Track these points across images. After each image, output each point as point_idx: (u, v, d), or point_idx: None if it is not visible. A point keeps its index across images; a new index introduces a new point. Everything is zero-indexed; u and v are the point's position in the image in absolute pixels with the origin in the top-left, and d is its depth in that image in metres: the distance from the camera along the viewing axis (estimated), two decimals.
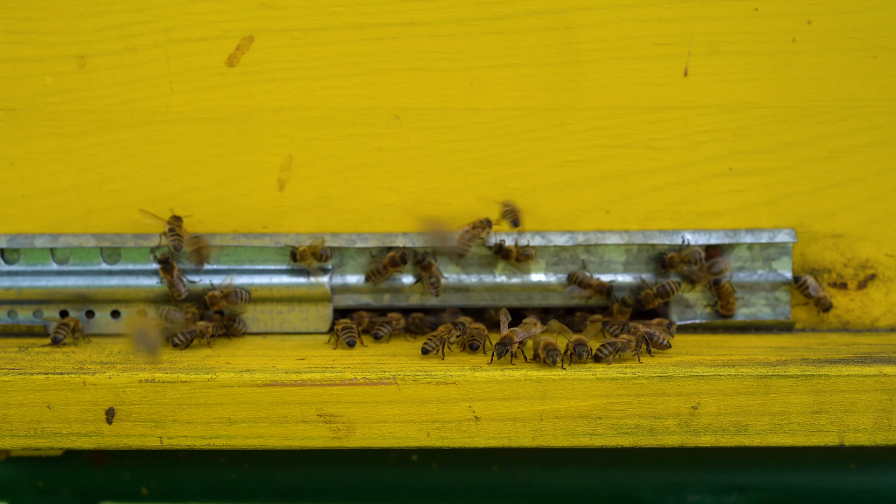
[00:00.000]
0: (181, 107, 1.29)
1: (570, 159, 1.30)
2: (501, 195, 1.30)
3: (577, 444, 1.14)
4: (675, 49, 1.28)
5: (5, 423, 1.14)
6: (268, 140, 1.29)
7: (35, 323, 1.32)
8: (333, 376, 1.13)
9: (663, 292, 1.29)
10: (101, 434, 1.14)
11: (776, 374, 1.13)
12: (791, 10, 1.27)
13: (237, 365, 1.17)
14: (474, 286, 1.32)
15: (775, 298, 1.32)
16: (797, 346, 1.25)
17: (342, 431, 1.13)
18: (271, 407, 1.13)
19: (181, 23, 1.27)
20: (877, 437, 1.14)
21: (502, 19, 1.27)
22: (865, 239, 1.32)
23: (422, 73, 1.28)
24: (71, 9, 1.27)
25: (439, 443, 1.14)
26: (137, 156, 1.30)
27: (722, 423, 1.13)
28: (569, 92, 1.29)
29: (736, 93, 1.29)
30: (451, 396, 1.13)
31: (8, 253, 1.31)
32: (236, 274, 1.31)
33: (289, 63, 1.28)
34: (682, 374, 1.13)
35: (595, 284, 1.30)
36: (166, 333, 1.25)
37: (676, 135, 1.29)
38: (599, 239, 1.31)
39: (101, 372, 1.14)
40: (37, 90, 1.28)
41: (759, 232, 1.31)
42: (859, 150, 1.30)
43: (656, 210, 1.31)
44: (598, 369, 1.14)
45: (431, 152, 1.30)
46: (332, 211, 1.31)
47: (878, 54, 1.28)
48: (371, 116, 1.29)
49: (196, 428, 1.14)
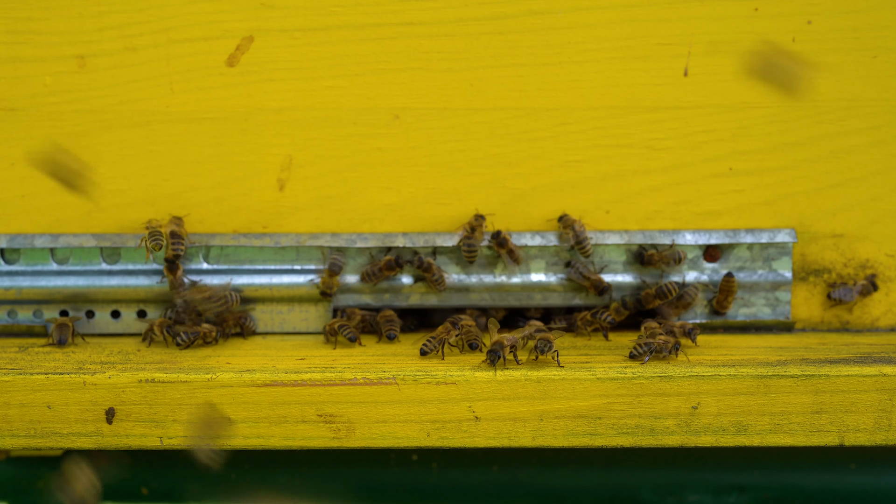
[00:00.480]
0: (181, 107, 1.29)
1: (570, 159, 1.30)
2: (502, 195, 1.30)
3: (577, 444, 1.14)
4: (675, 49, 1.28)
5: (5, 423, 1.14)
6: (268, 140, 1.29)
7: (35, 323, 1.32)
8: (333, 376, 1.13)
9: (661, 293, 1.29)
10: (101, 434, 1.14)
11: (776, 374, 1.13)
12: (791, 10, 1.27)
13: (237, 365, 1.17)
14: (474, 286, 1.32)
15: (775, 298, 1.32)
16: (797, 346, 1.25)
17: (342, 431, 1.13)
18: (271, 407, 1.13)
19: (181, 23, 1.27)
20: (877, 437, 1.14)
21: (502, 19, 1.27)
22: (865, 239, 1.32)
23: (422, 73, 1.28)
24: (71, 9, 1.27)
25: (439, 443, 1.14)
26: (137, 156, 1.30)
27: (722, 423, 1.14)
28: (569, 92, 1.29)
29: (736, 93, 1.29)
30: (451, 396, 1.13)
31: (8, 253, 1.31)
32: (236, 274, 1.31)
33: (289, 63, 1.28)
34: (682, 374, 1.13)
35: (593, 280, 1.30)
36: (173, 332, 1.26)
37: (676, 135, 1.29)
38: (599, 239, 1.31)
39: (101, 372, 1.14)
40: (37, 90, 1.28)
41: (759, 232, 1.31)
42: (859, 150, 1.30)
43: (656, 210, 1.31)
44: (598, 369, 1.14)
45: (431, 152, 1.30)
46: (332, 211, 1.31)
47: (878, 54, 1.28)
48: (371, 116, 1.29)
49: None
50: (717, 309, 1.31)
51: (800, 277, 1.33)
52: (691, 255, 1.32)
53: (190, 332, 1.25)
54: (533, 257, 1.32)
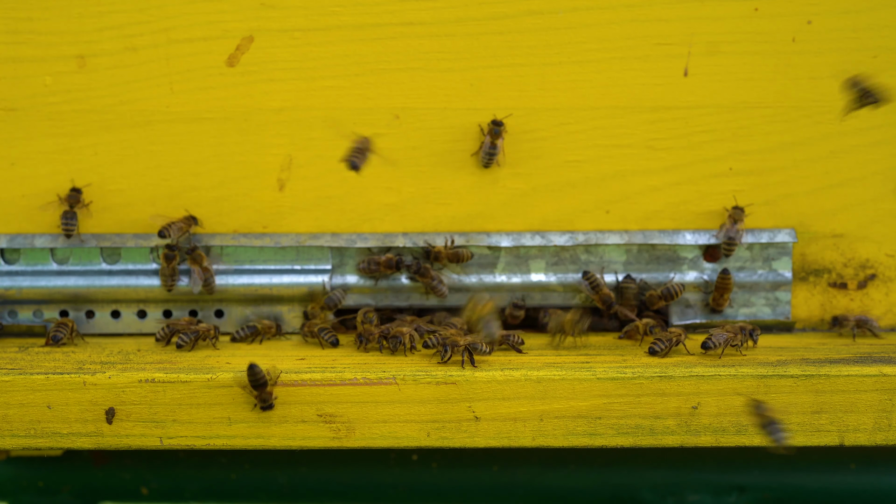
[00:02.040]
0: (181, 107, 1.29)
1: (570, 159, 1.30)
2: (501, 195, 1.30)
3: (577, 444, 1.14)
4: (675, 49, 1.28)
5: (5, 423, 1.14)
6: (268, 140, 1.29)
7: (35, 323, 1.32)
8: (333, 376, 1.13)
9: (667, 294, 1.30)
10: (101, 434, 1.14)
11: (776, 374, 1.13)
12: (791, 10, 1.27)
13: (237, 365, 1.17)
14: (474, 286, 1.32)
15: (775, 298, 1.32)
16: (797, 346, 1.25)
17: (342, 431, 1.13)
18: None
19: (181, 23, 1.27)
20: (877, 437, 1.14)
21: (502, 19, 1.27)
22: (865, 239, 1.32)
23: (422, 73, 1.28)
24: (71, 9, 1.27)
25: (439, 443, 1.14)
26: (137, 156, 1.30)
27: (722, 423, 1.14)
28: (569, 92, 1.29)
29: (736, 93, 1.29)
30: (451, 396, 1.13)
31: (8, 253, 1.31)
32: (236, 274, 1.31)
33: (289, 63, 1.28)
34: (682, 374, 1.13)
35: (603, 295, 1.30)
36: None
37: (676, 135, 1.29)
38: (599, 239, 1.31)
39: (101, 372, 1.14)
40: (37, 90, 1.28)
41: (759, 232, 1.31)
42: (859, 150, 1.30)
43: (656, 210, 1.31)
44: (598, 369, 1.14)
45: (431, 152, 1.30)
46: (332, 211, 1.31)
47: (878, 54, 1.28)
48: (371, 116, 1.29)
49: (196, 428, 1.14)
50: (714, 307, 1.31)
51: (800, 277, 1.33)
52: (691, 255, 1.32)
53: (190, 333, 1.25)
54: (533, 257, 1.32)
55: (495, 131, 1.26)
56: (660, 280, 1.32)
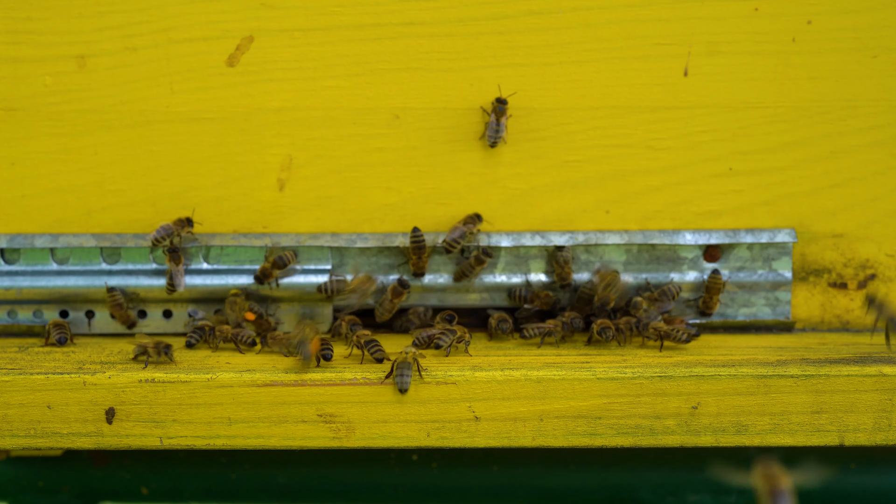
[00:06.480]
0: (181, 107, 1.29)
1: (570, 159, 1.30)
2: (501, 195, 1.30)
3: (577, 444, 1.14)
4: (675, 49, 1.28)
5: (5, 423, 1.14)
6: (268, 140, 1.30)
7: (35, 323, 1.32)
8: (333, 376, 1.13)
9: (665, 295, 1.30)
10: (101, 434, 1.14)
11: (776, 374, 1.13)
12: (791, 10, 1.27)
13: (237, 365, 1.17)
14: (474, 286, 1.32)
15: (775, 298, 1.32)
16: (797, 346, 1.25)
17: (342, 431, 1.14)
18: (271, 407, 1.13)
19: (181, 23, 1.27)
20: (877, 437, 1.14)
21: (502, 19, 1.27)
22: (865, 239, 1.32)
23: (422, 73, 1.28)
24: (71, 9, 1.27)
25: (439, 443, 1.14)
26: (137, 156, 1.30)
27: (722, 423, 1.14)
28: (569, 92, 1.29)
29: (736, 93, 1.29)
30: (451, 396, 1.13)
31: (8, 253, 1.31)
32: (236, 274, 1.31)
33: (289, 63, 1.28)
34: (682, 374, 1.13)
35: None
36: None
37: (676, 135, 1.29)
38: (599, 239, 1.31)
39: (101, 372, 1.14)
40: (37, 90, 1.28)
41: (759, 232, 1.31)
42: (859, 150, 1.30)
43: (656, 210, 1.31)
44: (598, 369, 1.14)
45: (431, 152, 1.30)
46: (332, 211, 1.31)
47: (878, 54, 1.28)
48: (371, 116, 1.29)
49: (196, 428, 1.14)
50: (703, 309, 1.31)
51: (800, 277, 1.33)
52: (691, 255, 1.32)
53: (195, 329, 1.24)
54: (533, 257, 1.32)
55: (500, 109, 1.26)
56: (660, 280, 1.32)
